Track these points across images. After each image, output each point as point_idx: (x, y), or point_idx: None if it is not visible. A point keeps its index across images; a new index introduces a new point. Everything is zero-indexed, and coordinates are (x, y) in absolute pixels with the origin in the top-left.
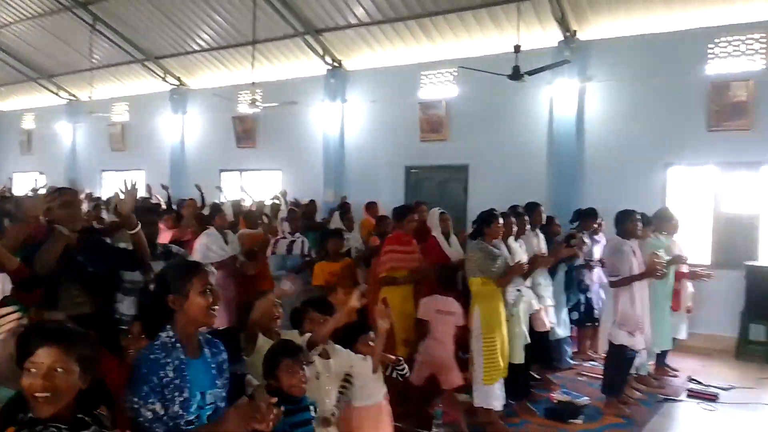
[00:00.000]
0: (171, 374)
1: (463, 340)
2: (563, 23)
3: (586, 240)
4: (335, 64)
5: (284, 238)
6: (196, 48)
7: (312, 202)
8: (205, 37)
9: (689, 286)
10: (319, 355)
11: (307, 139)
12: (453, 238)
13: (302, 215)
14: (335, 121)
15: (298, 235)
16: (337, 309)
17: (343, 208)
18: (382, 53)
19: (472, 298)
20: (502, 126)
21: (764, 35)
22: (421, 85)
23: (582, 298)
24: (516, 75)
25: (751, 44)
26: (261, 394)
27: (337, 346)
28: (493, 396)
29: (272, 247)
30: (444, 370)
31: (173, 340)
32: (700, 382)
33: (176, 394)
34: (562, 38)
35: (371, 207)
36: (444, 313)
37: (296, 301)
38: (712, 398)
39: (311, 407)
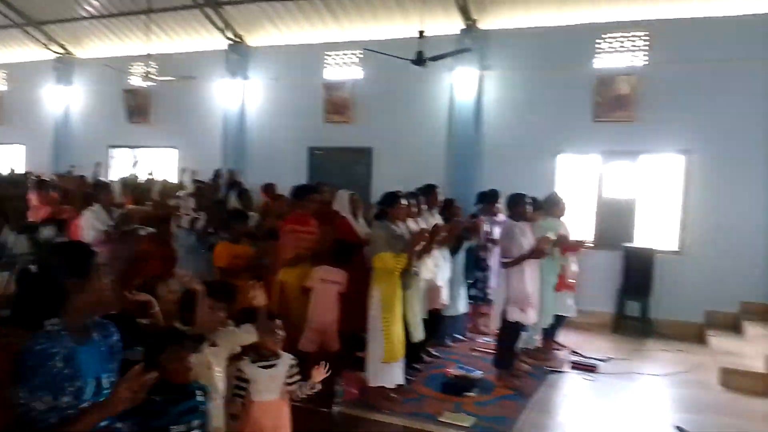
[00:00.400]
0: (60, 364)
1: (361, 319)
2: (465, 12)
3: (485, 223)
4: (237, 39)
5: (188, 214)
6: (84, 14)
7: (216, 179)
8: (95, 2)
9: (574, 265)
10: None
11: (206, 117)
12: (361, 220)
13: (207, 193)
14: (236, 98)
15: (201, 212)
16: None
17: (238, 187)
18: (286, 31)
19: (373, 277)
20: (406, 110)
21: (646, 33)
22: (326, 65)
23: (480, 276)
24: (419, 60)
25: (635, 41)
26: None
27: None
28: (391, 374)
29: (175, 221)
30: (327, 335)
31: (58, 328)
32: (581, 355)
33: (67, 384)
34: (464, 27)
35: (269, 188)
36: (328, 282)
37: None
38: (592, 369)
39: (200, 392)
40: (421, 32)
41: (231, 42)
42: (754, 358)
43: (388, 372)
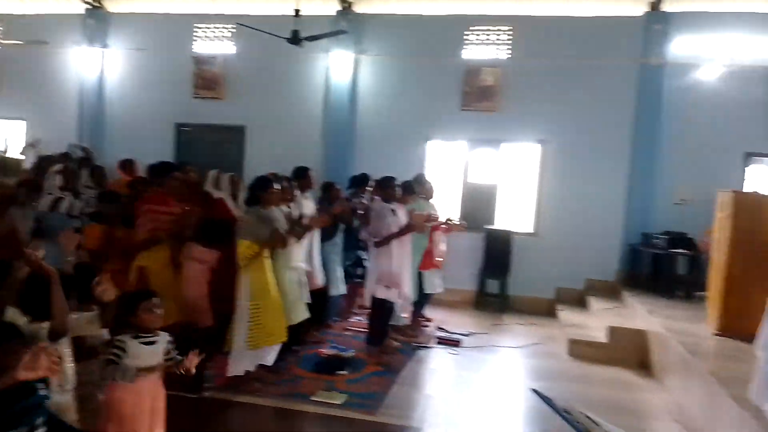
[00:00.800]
0: None
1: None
2: None
3: (360, 203)
4: (95, 3)
5: (50, 193)
6: None
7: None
8: None
9: (443, 245)
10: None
11: (59, 87)
12: (240, 202)
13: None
14: (94, 68)
15: (67, 192)
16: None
17: (88, 164)
18: None
19: (241, 263)
20: (281, 89)
21: (510, 28)
22: (196, 38)
23: (360, 256)
24: (295, 39)
25: (500, 35)
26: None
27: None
28: (258, 359)
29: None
30: (197, 311)
31: None
32: (447, 331)
33: None
34: (340, 8)
35: (127, 165)
36: (197, 260)
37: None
38: (456, 344)
39: (42, 386)
40: (296, 11)
41: (89, 6)
42: (596, 329)
43: (255, 357)
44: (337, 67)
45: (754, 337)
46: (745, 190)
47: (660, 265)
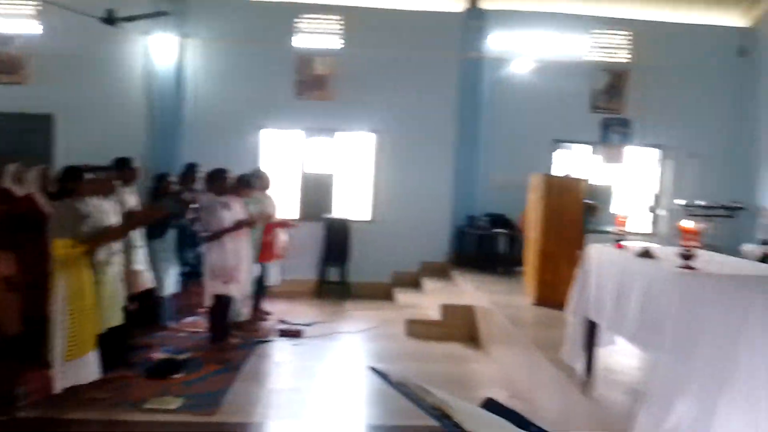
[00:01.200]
0: None
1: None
2: None
3: (192, 196)
4: None
5: None
6: None
7: None
8: None
9: (282, 236)
10: None
11: None
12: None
13: None
14: None
15: None
16: None
17: None
18: None
19: (55, 264)
20: (95, 74)
21: (341, 18)
22: None
23: (195, 253)
24: (110, 19)
25: (331, 24)
26: None
27: None
28: (83, 370)
29: None
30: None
31: None
32: (288, 322)
33: None
34: None
35: None
36: None
37: None
38: (298, 334)
39: None
40: None
41: None
42: (431, 308)
43: (78, 368)
44: (159, 50)
45: (565, 305)
46: (553, 173)
47: (483, 245)
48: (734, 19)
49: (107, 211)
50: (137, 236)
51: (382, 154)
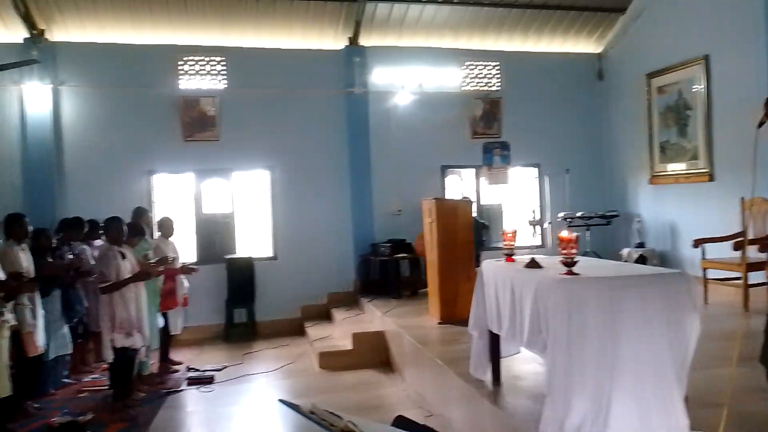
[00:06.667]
0: None
1: None
2: (28, 20)
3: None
4: None
5: None
6: None
7: None
8: None
9: (185, 282)
10: None
11: None
12: None
13: None
14: None
15: None
16: None
17: None
18: None
19: None
20: None
21: (223, 59)
22: None
23: (80, 310)
24: None
25: (215, 65)
26: None
27: None
28: None
29: None
30: None
31: None
32: (197, 369)
33: None
34: (29, 36)
35: None
36: None
37: None
38: (209, 381)
39: None
40: None
41: None
42: (342, 338)
43: None
44: (33, 99)
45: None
46: (446, 197)
47: (387, 270)
48: (590, 46)
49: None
50: (35, 294)
51: (278, 190)
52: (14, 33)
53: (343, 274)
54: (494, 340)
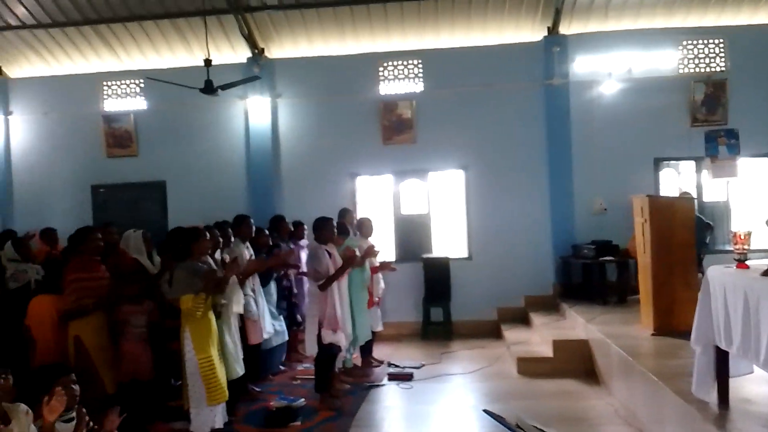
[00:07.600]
0: None
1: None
2: (251, 41)
3: (290, 246)
4: None
5: None
6: None
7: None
8: None
9: (380, 281)
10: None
11: None
12: (156, 258)
13: None
14: None
15: None
16: None
17: (9, 236)
18: (53, 62)
19: (182, 318)
20: (198, 140)
21: (420, 61)
22: (105, 96)
23: (288, 303)
24: (209, 89)
25: (412, 68)
26: None
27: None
28: (213, 417)
29: None
30: (137, 367)
31: None
32: (397, 366)
33: None
34: (251, 55)
35: (48, 234)
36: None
37: None
38: (408, 378)
39: None
40: (207, 61)
41: None
42: (541, 344)
43: (210, 416)
44: (255, 112)
45: (689, 333)
46: (660, 193)
47: (591, 274)
48: None
49: (218, 265)
50: (257, 287)
51: (473, 190)
52: (239, 53)
53: (540, 276)
54: (722, 357)
